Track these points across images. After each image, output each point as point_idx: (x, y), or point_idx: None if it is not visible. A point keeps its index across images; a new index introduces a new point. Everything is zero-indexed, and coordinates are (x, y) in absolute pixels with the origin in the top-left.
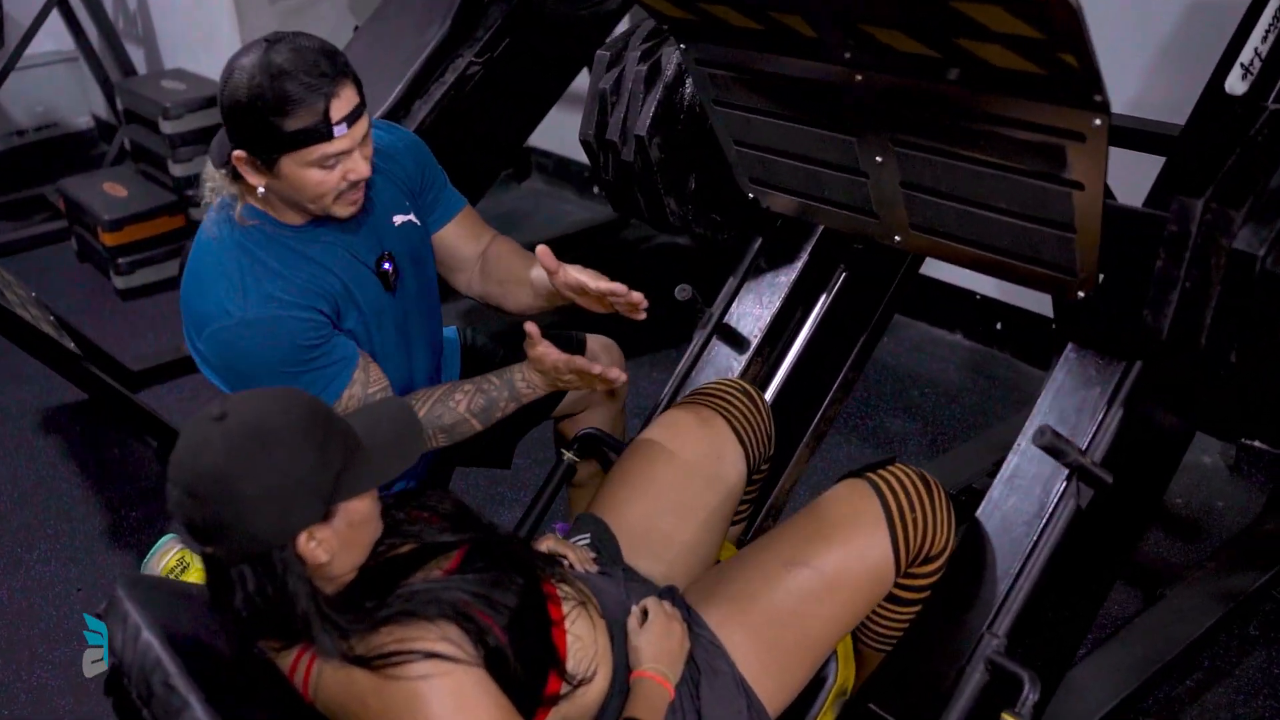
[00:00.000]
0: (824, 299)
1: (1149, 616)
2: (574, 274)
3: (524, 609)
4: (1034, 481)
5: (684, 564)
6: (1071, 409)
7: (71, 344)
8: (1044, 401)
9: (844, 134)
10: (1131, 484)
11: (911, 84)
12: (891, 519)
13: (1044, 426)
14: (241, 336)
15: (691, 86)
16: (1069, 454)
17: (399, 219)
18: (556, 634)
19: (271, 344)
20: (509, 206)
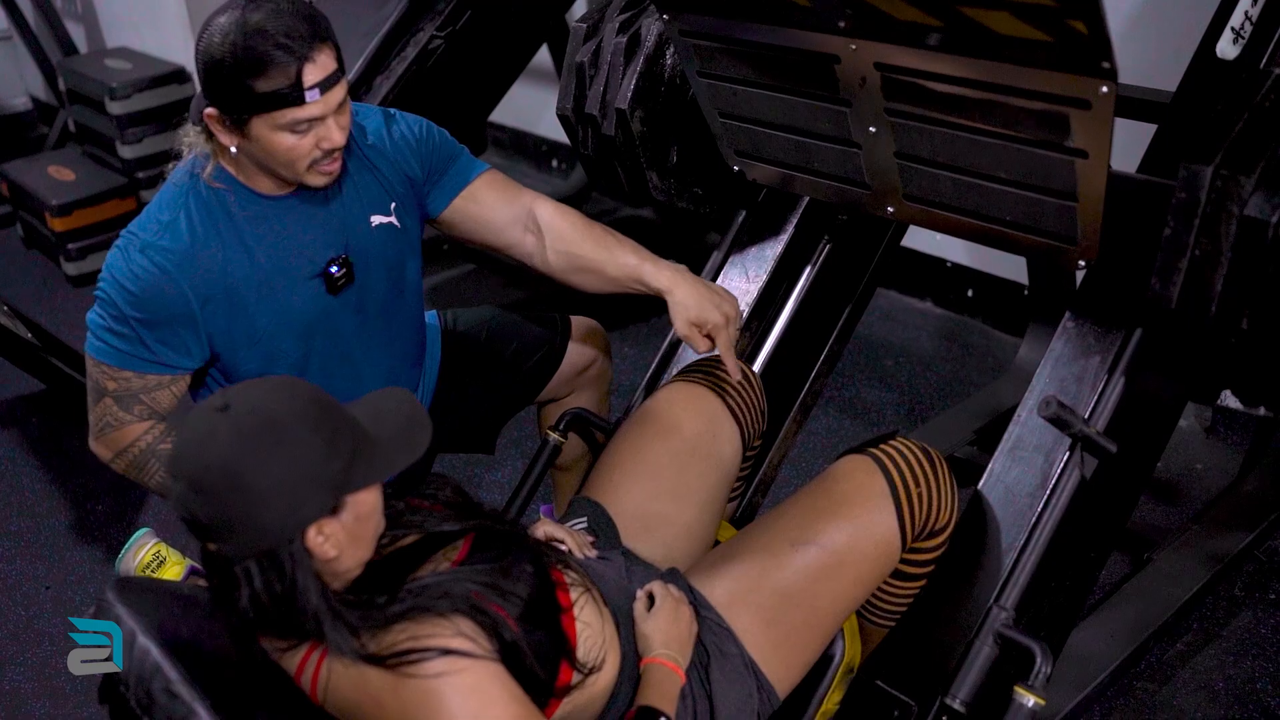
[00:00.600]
0: (809, 271)
1: (1138, 580)
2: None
3: (535, 597)
4: (1036, 452)
5: (683, 545)
6: (1072, 378)
7: (28, 334)
8: (1043, 371)
9: (836, 105)
10: (1131, 452)
11: (910, 53)
12: (897, 494)
13: (1049, 397)
14: (116, 258)
15: (672, 58)
16: (1074, 424)
17: (378, 220)
18: (566, 622)
19: (118, 282)
20: None
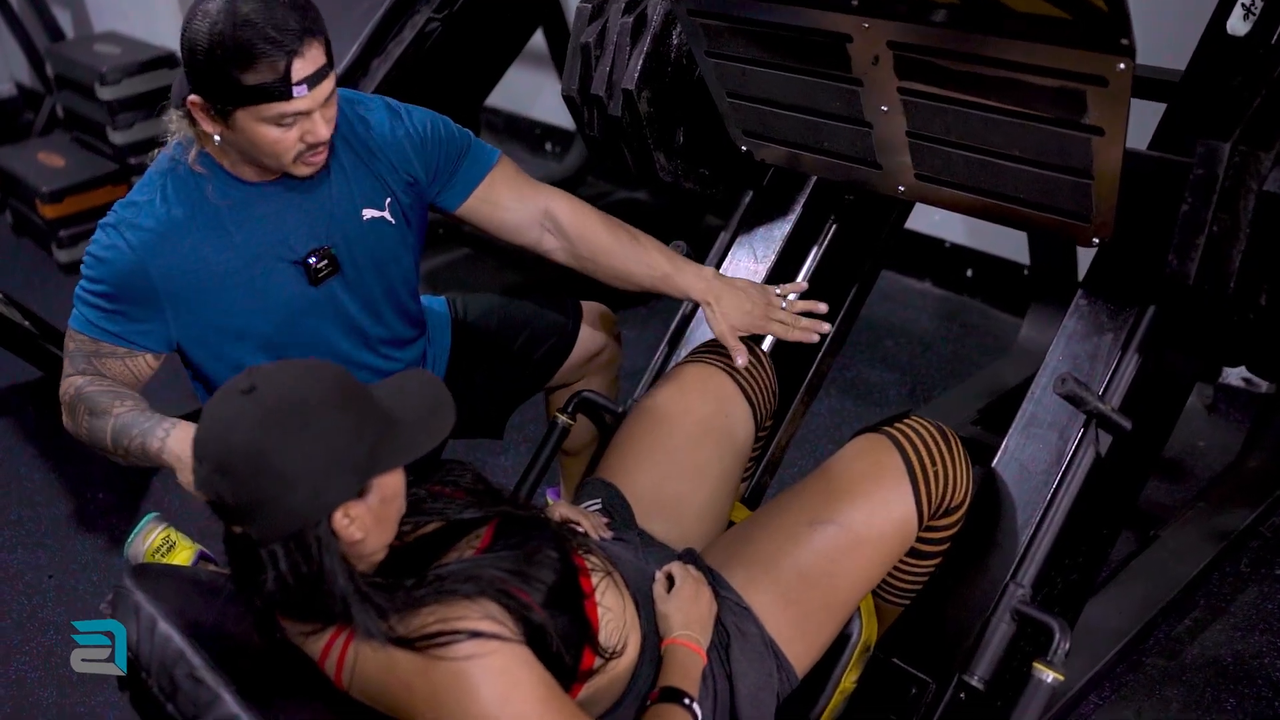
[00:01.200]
0: (815, 252)
1: (1145, 557)
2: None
3: (558, 583)
4: (1050, 429)
5: (698, 526)
6: (1085, 355)
7: (26, 322)
8: (1056, 348)
9: (848, 84)
10: (1144, 429)
11: (924, 30)
12: (913, 472)
13: (1065, 374)
14: (95, 234)
15: (679, 37)
16: (1089, 401)
17: (370, 214)
18: (589, 607)
19: (90, 255)
20: None
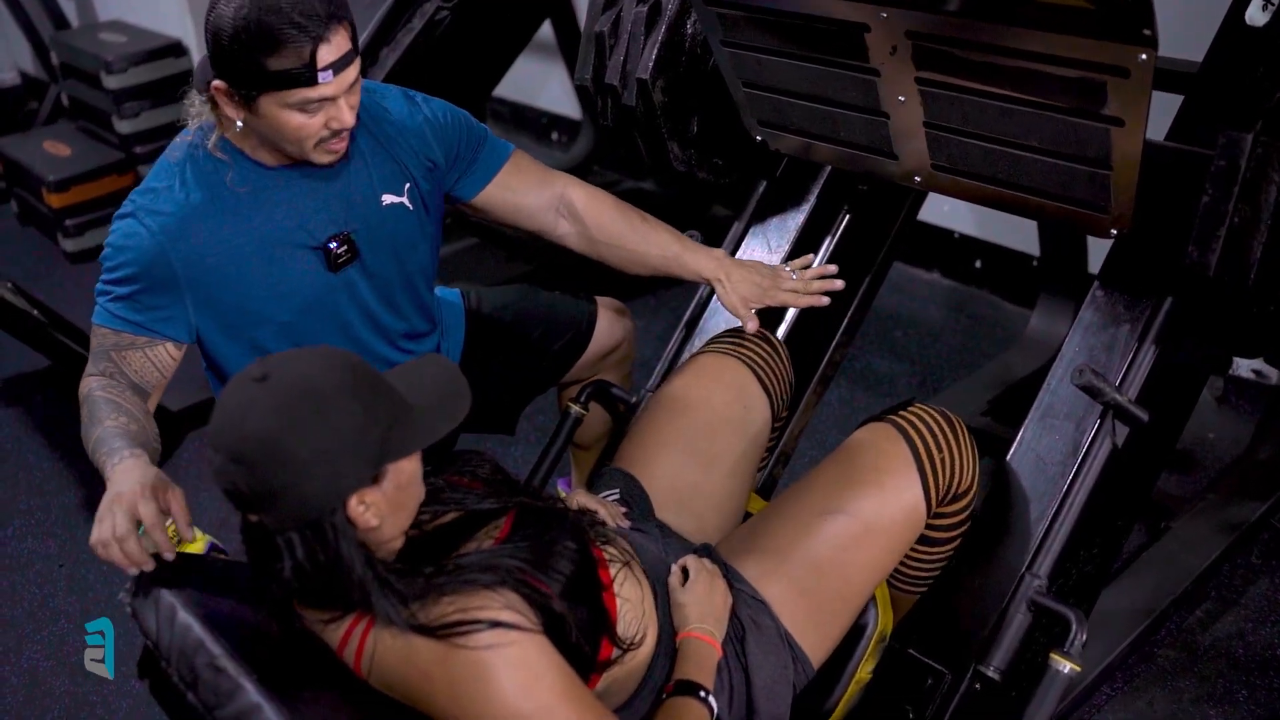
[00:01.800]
0: (828, 242)
1: (1157, 549)
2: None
3: (577, 574)
4: (1066, 420)
5: (715, 516)
6: (1101, 347)
7: (35, 311)
8: (1073, 340)
9: (865, 73)
10: (1160, 420)
11: (943, 20)
12: (920, 459)
13: (1082, 365)
14: (114, 224)
15: (694, 26)
16: (1106, 392)
17: (389, 200)
18: (607, 599)
19: (110, 245)
20: None
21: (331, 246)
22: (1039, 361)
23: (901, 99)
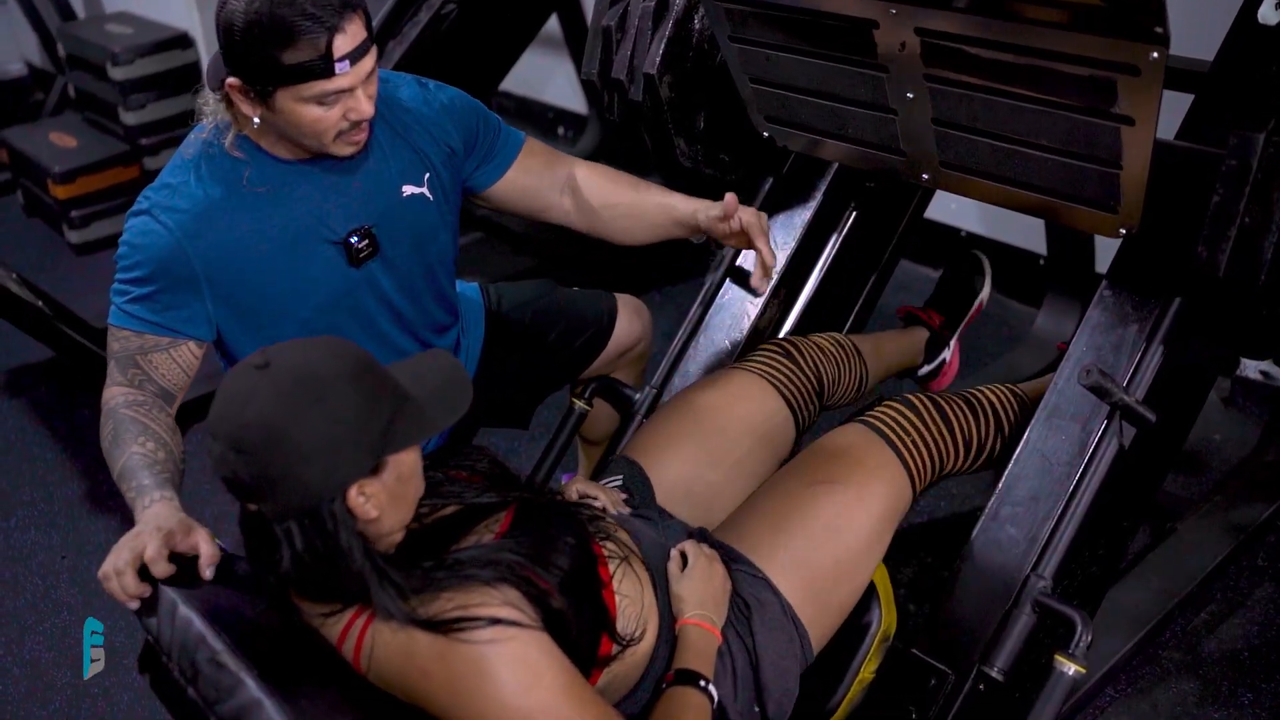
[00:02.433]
0: (835, 239)
1: (1162, 551)
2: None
3: (577, 571)
4: (1073, 420)
5: (721, 513)
6: (1109, 347)
7: (40, 302)
8: (1080, 340)
9: (873, 70)
10: (1168, 421)
11: (952, 17)
12: (891, 441)
13: (1090, 365)
14: (129, 221)
15: (701, 21)
16: (1114, 393)
17: (409, 190)
18: (607, 595)
19: (126, 243)
20: None
21: (352, 241)
22: (1044, 360)
23: (910, 96)
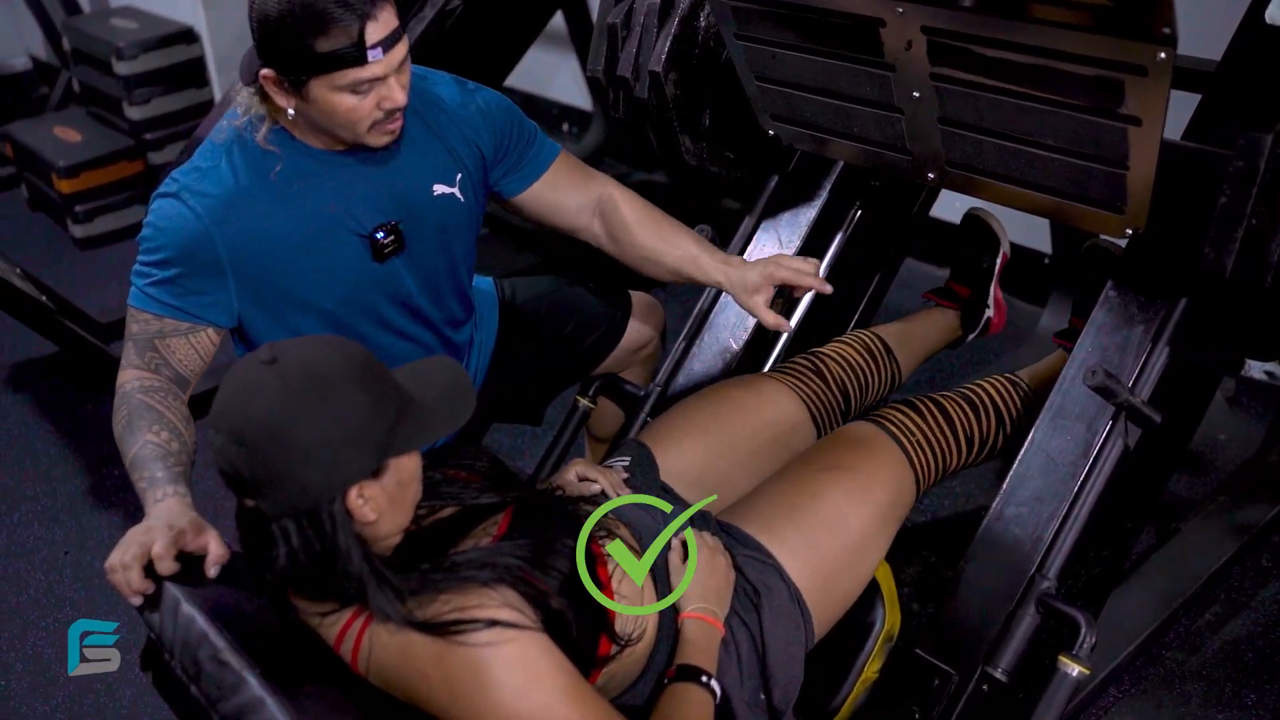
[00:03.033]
0: (840, 238)
1: (1166, 551)
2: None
3: (576, 572)
4: (1078, 421)
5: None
6: (1114, 348)
7: (44, 297)
8: (1085, 340)
9: (879, 69)
10: (1173, 422)
11: (959, 16)
12: (897, 439)
13: (1095, 366)
14: (154, 203)
15: (707, 19)
16: (1119, 394)
17: (440, 190)
18: (605, 596)
19: (151, 225)
20: None
21: (379, 237)
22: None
23: (916, 95)
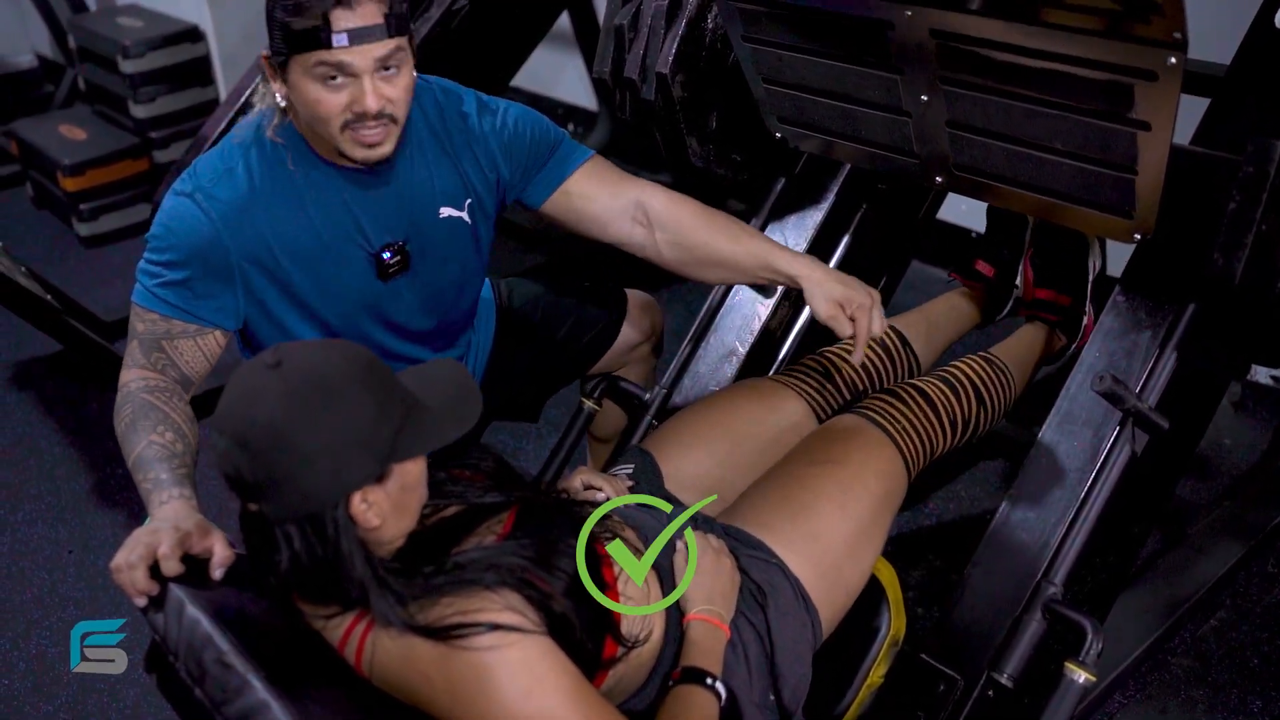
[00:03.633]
0: (846, 240)
1: (1171, 556)
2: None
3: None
4: (1085, 426)
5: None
6: (1121, 353)
7: (48, 296)
8: (1092, 346)
9: (888, 72)
10: (1180, 428)
11: (969, 20)
12: (883, 427)
13: (1103, 372)
14: (167, 201)
15: (714, 21)
16: (1127, 399)
17: (447, 213)
18: (610, 598)
19: (162, 224)
20: None
21: (385, 257)
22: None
23: (924, 98)
